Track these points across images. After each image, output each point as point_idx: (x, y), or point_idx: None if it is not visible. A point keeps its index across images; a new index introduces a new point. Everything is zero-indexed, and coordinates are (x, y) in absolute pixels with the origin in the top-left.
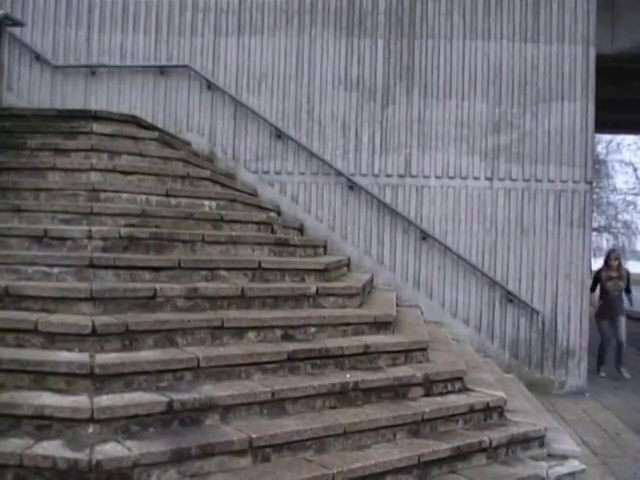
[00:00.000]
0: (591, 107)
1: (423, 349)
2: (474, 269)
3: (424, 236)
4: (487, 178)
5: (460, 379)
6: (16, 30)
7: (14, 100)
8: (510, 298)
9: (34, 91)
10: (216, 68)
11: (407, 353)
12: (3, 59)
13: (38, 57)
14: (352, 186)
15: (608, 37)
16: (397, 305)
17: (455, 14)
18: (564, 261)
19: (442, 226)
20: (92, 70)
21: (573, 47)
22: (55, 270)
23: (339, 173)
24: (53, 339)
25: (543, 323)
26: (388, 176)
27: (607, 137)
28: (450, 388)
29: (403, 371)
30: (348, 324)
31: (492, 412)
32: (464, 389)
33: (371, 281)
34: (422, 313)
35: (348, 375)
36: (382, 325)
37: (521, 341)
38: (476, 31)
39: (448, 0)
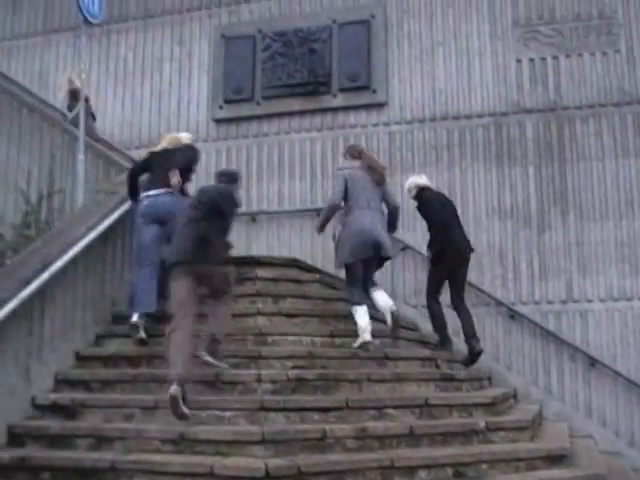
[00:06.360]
0: None
1: None
2: None
3: (592, 362)
4: None
5: None
6: None
7: None
8: None
9: None
10: None
11: None
12: None
13: None
14: (513, 315)
15: None
16: (569, 436)
17: (605, 134)
18: None
19: (610, 351)
20: (253, 217)
21: None
22: (227, 414)
23: (499, 303)
24: None
25: None
26: (549, 302)
27: None
28: None
29: None
30: (520, 459)
31: None
32: None
33: (540, 412)
34: (596, 443)
35: None
36: (556, 459)
37: None
38: (628, 149)
39: (596, 121)
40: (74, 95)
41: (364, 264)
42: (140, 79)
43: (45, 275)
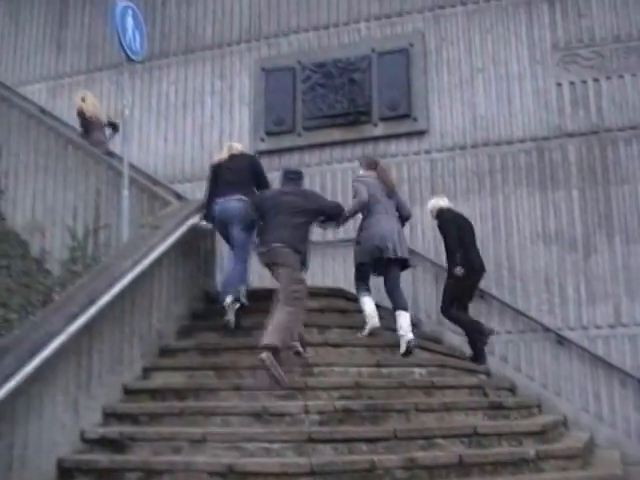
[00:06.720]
0: None
1: None
2: None
3: None
4: None
5: None
6: None
7: None
8: None
9: None
10: (414, 234)
11: None
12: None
13: None
14: (561, 341)
15: None
16: (622, 463)
17: None
18: None
19: None
20: None
21: None
22: (275, 446)
23: (546, 329)
24: None
25: None
26: (598, 327)
27: None
28: None
29: None
30: None
31: None
32: None
33: (591, 439)
34: None
35: None
36: None
37: None
38: None
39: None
40: (81, 115)
41: (387, 271)
42: (182, 113)
43: (92, 310)
